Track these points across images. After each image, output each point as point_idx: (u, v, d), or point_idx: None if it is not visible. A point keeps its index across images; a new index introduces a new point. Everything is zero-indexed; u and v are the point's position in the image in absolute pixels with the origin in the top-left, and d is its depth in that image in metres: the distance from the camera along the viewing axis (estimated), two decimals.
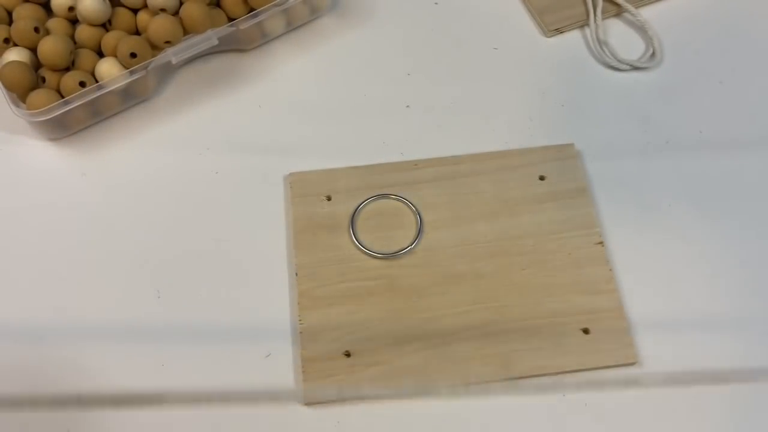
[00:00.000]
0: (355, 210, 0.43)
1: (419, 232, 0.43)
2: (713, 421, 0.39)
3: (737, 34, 0.53)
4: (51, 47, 0.46)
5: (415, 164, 0.47)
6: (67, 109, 0.45)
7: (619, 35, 0.53)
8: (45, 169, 0.48)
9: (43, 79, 0.47)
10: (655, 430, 0.39)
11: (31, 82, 0.46)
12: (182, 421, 0.39)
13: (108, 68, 0.47)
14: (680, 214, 0.45)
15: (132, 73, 0.47)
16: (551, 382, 0.40)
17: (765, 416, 0.39)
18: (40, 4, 0.50)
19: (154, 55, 0.48)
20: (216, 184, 0.47)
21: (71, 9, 0.49)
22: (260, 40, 0.52)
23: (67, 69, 0.47)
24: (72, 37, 0.48)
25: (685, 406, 0.39)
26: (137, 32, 0.49)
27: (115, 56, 0.47)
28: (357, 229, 0.43)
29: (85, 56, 0.47)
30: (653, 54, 0.52)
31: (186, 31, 0.48)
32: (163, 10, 0.48)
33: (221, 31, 0.49)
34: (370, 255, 0.43)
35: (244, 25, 0.49)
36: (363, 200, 0.44)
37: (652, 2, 0.55)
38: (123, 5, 0.49)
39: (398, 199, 0.44)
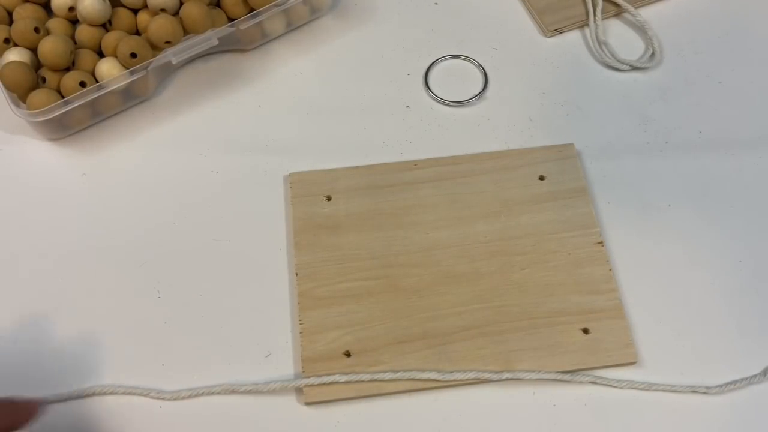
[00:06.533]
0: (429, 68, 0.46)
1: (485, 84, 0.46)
2: (713, 421, 0.39)
3: (737, 34, 0.53)
4: (51, 47, 0.46)
5: (415, 164, 0.47)
6: (68, 109, 0.45)
7: (619, 35, 0.53)
8: (45, 169, 0.48)
9: (44, 79, 0.47)
10: (655, 429, 0.39)
11: (31, 82, 0.46)
12: (182, 421, 0.39)
13: (108, 68, 0.47)
14: (680, 214, 0.45)
15: (132, 73, 0.47)
16: (551, 381, 0.40)
17: (765, 416, 0.39)
18: (40, 4, 0.50)
19: (154, 55, 0.48)
20: (216, 184, 0.47)
21: (71, 9, 0.49)
22: (260, 40, 0.52)
23: (68, 69, 0.47)
24: (72, 37, 0.48)
25: (684, 405, 0.39)
26: (137, 32, 0.49)
27: (115, 56, 0.47)
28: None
29: (85, 56, 0.47)
30: (653, 54, 0.52)
31: (186, 31, 0.48)
32: (163, 10, 0.48)
33: (221, 31, 0.49)
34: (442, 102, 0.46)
35: (244, 25, 0.49)
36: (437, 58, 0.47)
37: (652, 2, 0.55)
38: (123, 5, 0.49)
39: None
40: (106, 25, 0.49)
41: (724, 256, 0.44)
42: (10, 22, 0.49)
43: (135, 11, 0.49)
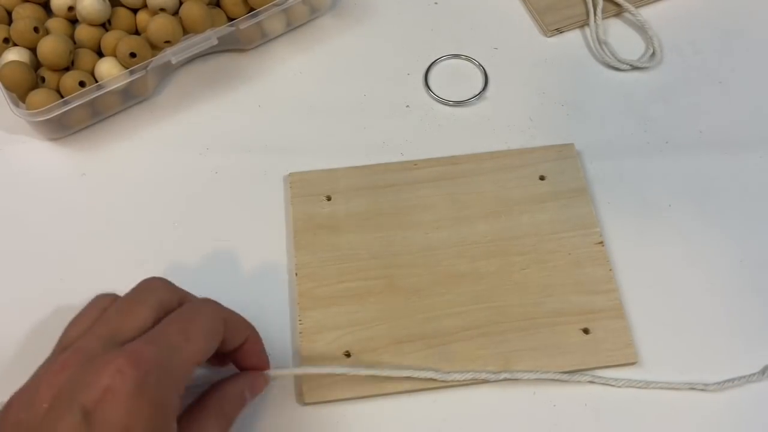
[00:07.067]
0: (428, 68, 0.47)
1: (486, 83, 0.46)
2: (712, 418, 0.39)
3: (737, 34, 0.53)
4: (51, 47, 0.46)
5: (415, 164, 0.47)
6: (67, 108, 0.45)
7: (619, 35, 0.53)
8: (45, 169, 0.48)
9: (43, 79, 0.47)
10: (656, 430, 0.39)
11: (30, 82, 0.46)
12: None
13: (108, 68, 0.47)
14: (680, 214, 0.45)
15: (132, 72, 0.47)
16: (551, 381, 0.40)
17: (763, 414, 0.39)
18: (39, 3, 0.50)
19: (153, 55, 0.48)
20: (216, 183, 0.47)
21: (71, 9, 0.49)
22: (260, 40, 0.52)
23: (67, 69, 0.47)
24: (72, 37, 0.48)
25: (685, 405, 0.39)
26: (137, 32, 0.49)
27: (115, 56, 0.47)
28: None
29: (85, 56, 0.47)
30: (653, 54, 0.52)
31: (186, 31, 0.48)
32: (162, 9, 0.48)
33: (221, 31, 0.49)
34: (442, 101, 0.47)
35: (244, 25, 0.49)
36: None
37: (652, 2, 0.55)
38: (123, 5, 0.49)
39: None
40: (105, 25, 0.49)
41: (724, 256, 0.44)
42: (10, 22, 0.49)
43: (134, 11, 0.49)
